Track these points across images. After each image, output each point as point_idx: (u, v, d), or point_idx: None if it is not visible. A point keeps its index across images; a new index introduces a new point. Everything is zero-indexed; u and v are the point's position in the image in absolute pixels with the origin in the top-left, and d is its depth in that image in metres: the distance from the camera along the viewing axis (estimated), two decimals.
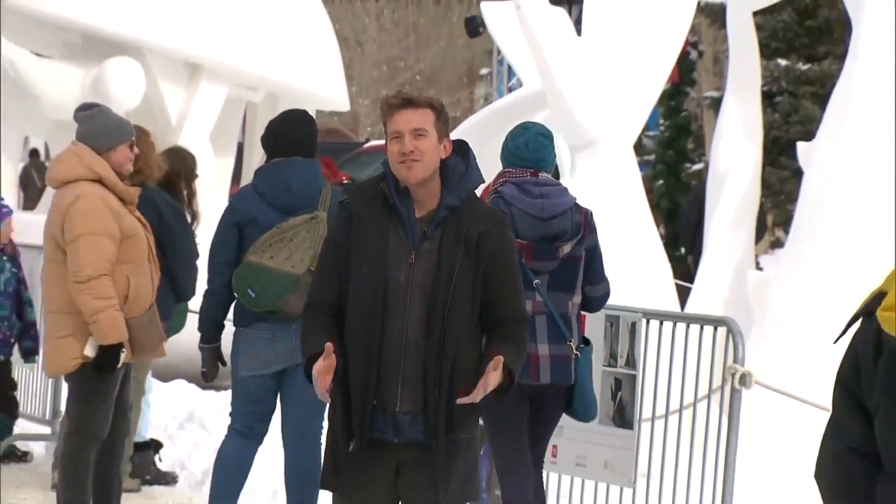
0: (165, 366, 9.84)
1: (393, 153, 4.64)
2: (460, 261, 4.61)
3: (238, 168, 15.52)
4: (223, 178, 13.89)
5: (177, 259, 7.91)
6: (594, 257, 6.34)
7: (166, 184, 8.44)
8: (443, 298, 4.58)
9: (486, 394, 4.59)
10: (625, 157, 10.32)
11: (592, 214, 6.37)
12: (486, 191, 6.38)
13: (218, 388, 10.62)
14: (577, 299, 6.30)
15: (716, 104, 19.22)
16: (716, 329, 6.94)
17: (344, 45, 22.98)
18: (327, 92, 14.36)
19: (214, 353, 6.90)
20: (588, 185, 10.01)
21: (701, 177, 17.81)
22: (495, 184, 6.32)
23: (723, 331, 6.88)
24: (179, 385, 10.94)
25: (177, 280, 7.92)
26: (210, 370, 6.92)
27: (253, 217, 6.68)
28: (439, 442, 4.62)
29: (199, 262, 7.90)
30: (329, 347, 4.54)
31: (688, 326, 7.02)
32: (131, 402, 7.41)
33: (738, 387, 6.76)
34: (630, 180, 10.30)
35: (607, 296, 6.45)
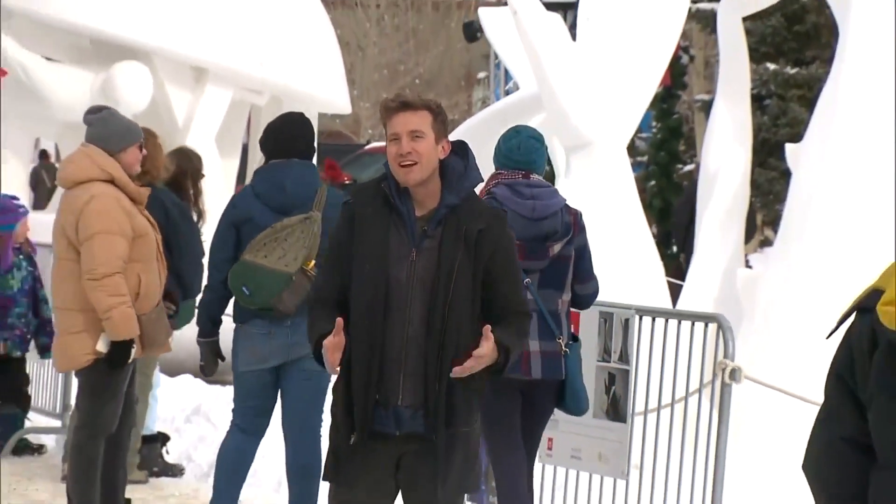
0: (172, 361, 9.85)
1: (392, 154, 4.65)
2: (460, 258, 4.61)
3: (243, 169, 15.54)
4: (228, 178, 13.91)
5: (183, 257, 7.91)
6: (583, 256, 6.36)
7: (173, 183, 8.45)
8: (443, 295, 4.58)
9: (478, 367, 4.56)
10: (618, 158, 10.32)
11: (582, 215, 6.40)
12: (480, 193, 6.39)
13: (223, 383, 10.62)
14: (566, 297, 6.33)
15: (707, 107, 19.22)
16: (706, 325, 6.94)
17: (345, 49, 22.98)
18: (329, 95, 14.37)
19: (211, 348, 6.91)
20: (582, 185, 10.02)
21: (692, 177, 17.81)
22: (488, 185, 6.33)
23: (713, 327, 6.88)
24: (186, 380, 10.95)
25: (183, 277, 7.93)
26: (208, 364, 6.94)
27: (249, 217, 6.69)
28: (439, 435, 4.62)
29: (204, 259, 7.90)
30: (339, 323, 4.55)
31: (679, 323, 7.02)
32: (137, 396, 7.42)
33: (728, 381, 6.76)
34: (623, 181, 10.30)
35: (596, 293, 6.48)
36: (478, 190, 6.06)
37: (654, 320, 7.07)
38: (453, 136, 7.69)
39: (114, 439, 7.00)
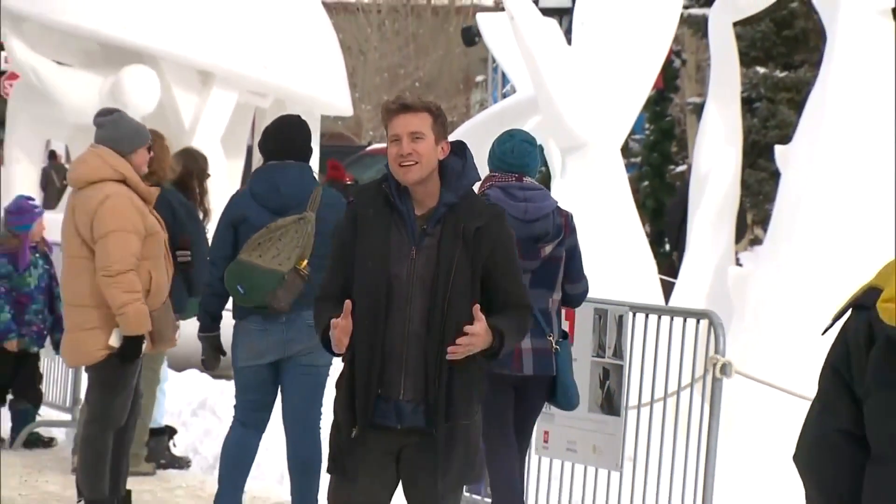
0: (179, 356, 9.85)
1: (392, 155, 4.65)
2: (459, 255, 4.61)
3: (248, 170, 15.50)
4: (233, 179, 13.90)
5: (190, 255, 7.91)
6: (574, 257, 6.38)
7: (179, 183, 8.45)
8: (442, 292, 4.58)
9: (473, 348, 4.55)
10: (612, 160, 10.32)
11: (573, 217, 6.41)
12: None
13: (228, 378, 10.60)
14: (557, 296, 6.36)
15: (698, 109, 19.20)
16: (698, 322, 6.95)
17: (347, 53, 22.97)
18: (332, 98, 14.35)
19: (212, 343, 6.91)
20: (577, 185, 10.02)
21: (684, 178, 17.82)
22: (482, 188, 6.34)
23: (705, 323, 6.88)
24: (192, 374, 10.94)
25: (189, 275, 7.93)
26: (209, 359, 6.95)
27: (245, 217, 6.70)
28: (439, 428, 4.62)
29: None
30: (348, 306, 4.54)
31: (672, 319, 7.02)
32: (142, 390, 7.44)
33: (719, 376, 6.77)
34: (617, 181, 10.30)
35: (586, 292, 6.51)
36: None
37: (647, 317, 7.07)
38: (452, 138, 7.68)
39: (119, 432, 7.02)
